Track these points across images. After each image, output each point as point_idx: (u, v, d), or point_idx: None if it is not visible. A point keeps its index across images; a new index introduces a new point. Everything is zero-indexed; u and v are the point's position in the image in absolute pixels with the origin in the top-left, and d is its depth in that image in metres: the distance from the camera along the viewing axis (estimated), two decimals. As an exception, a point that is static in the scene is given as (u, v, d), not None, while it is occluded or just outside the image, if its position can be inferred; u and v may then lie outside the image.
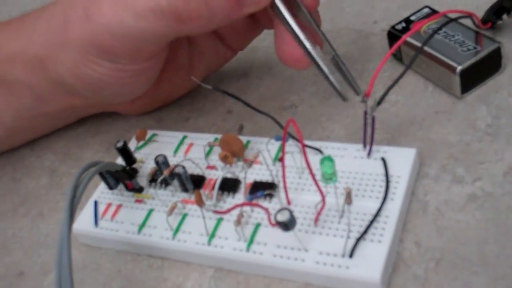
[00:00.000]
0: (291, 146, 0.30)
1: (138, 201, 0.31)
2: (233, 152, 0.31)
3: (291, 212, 0.24)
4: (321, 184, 0.26)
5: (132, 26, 0.29)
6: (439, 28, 0.30)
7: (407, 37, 0.30)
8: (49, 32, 0.33)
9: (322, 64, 0.31)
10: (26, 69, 0.34)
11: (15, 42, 0.35)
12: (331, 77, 0.31)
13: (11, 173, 0.39)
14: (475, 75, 0.31)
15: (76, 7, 0.31)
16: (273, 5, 0.30)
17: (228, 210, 0.28)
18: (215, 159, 0.32)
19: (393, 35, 0.34)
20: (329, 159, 0.25)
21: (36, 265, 0.32)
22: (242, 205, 0.28)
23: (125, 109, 0.38)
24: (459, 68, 0.30)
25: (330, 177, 0.25)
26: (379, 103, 0.28)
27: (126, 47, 0.31)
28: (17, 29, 0.35)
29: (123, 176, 0.31)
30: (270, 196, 0.29)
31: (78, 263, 0.31)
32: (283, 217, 0.24)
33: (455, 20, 0.31)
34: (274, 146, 0.31)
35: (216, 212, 0.28)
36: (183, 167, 0.30)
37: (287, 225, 0.25)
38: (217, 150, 0.32)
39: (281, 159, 0.28)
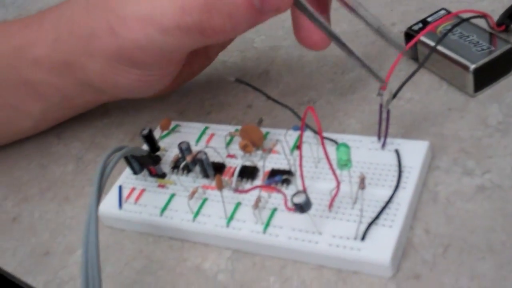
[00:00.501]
0: (308, 137, 0.31)
1: (161, 186, 0.33)
2: (253, 141, 0.32)
3: (307, 195, 0.26)
4: (336, 170, 0.27)
5: (159, 41, 0.30)
6: (453, 27, 0.31)
7: (421, 36, 0.32)
8: (73, 40, 0.33)
9: (351, 47, 0.31)
10: (53, 72, 0.35)
11: (38, 46, 0.35)
12: (362, 59, 0.31)
13: (39, 160, 0.41)
14: (488, 74, 0.32)
15: (98, 19, 0.32)
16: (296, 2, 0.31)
17: (249, 190, 0.29)
18: (235, 148, 0.33)
19: (410, 36, 0.36)
20: (345, 145, 0.26)
21: (61, 245, 0.34)
22: (261, 187, 0.29)
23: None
24: (472, 66, 0.31)
25: (345, 163, 0.27)
26: (394, 96, 0.29)
27: (154, 58, 0.32)
28: (37, 32, 0.36)
29: (148, 161, 0.33)
30: (288, 182, 0.30)
31: (102, 244, 0.32)
32: (299, 199, 0.26)
33: (468, 20, 0.32)
34: (292, 137, 0.32)
35: (236, 190, 0.30)
36: (205, 153, 0.31)
37: (303, 207, 0.26)
38: (237, 140, 0.33)
39: (298, 147, 0.29)
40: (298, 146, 0.29)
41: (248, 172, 0.31)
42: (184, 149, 0.32)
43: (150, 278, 0.30)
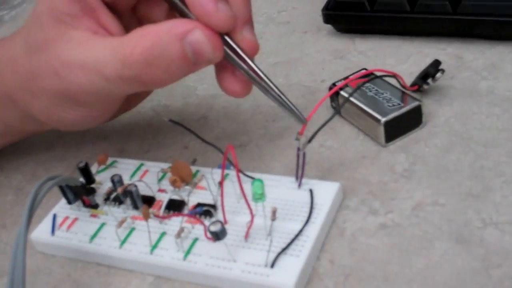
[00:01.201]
0: (233, 175, 0.34)
1: (93, 215, 0.35)
2: (182, 177, 0.35)
3: (222, 224, 0.28)
4: (252, 203, 0.30)
5: (102, 86, 0.32)
6: (365, 82, 0.35)
7: (341, 90, 0.36)
8: (17, 78, 0.35)
9: (278, 92, 0.32)
10: None
11: None
12: (287, 101, 0.32)
13: (-20, 190, 0.42)
14: (398, 128, 0.36)
15: (41, 61, 0.33)
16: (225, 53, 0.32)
17: (170, 216, 0.31)
18: (166, 184, 0.35)
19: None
20: (259, 180, 0.29)
21: (-7, 269, 0.35)
22: (184, 215, 0.32)
23: None
24: (383, 120, 0.35)
25: (259, 197, 0.29)
26: (309, 140, 0.33)
27: (98, 99, 0.34)
28: None
29: (81, 192, 0.35)
30: (210, 215, 0.32)
31: (32, 268, 0.34)
32: (215, 227, 0.28)
33: (380, 77, 0.36)
34: (218, 174, 0.35)
35: (159, 217, 0.32)
36: (135, 186, 0.33)
37: (218, 235, 0.28)
38: (169, 176, 0.36)
39: (220, 183, 0.32)
40: (220, 182, 0.32)
41: (175, 205, 0.34)
42: (116, 181, 0.34)
43: (74, 301, 0.32)
